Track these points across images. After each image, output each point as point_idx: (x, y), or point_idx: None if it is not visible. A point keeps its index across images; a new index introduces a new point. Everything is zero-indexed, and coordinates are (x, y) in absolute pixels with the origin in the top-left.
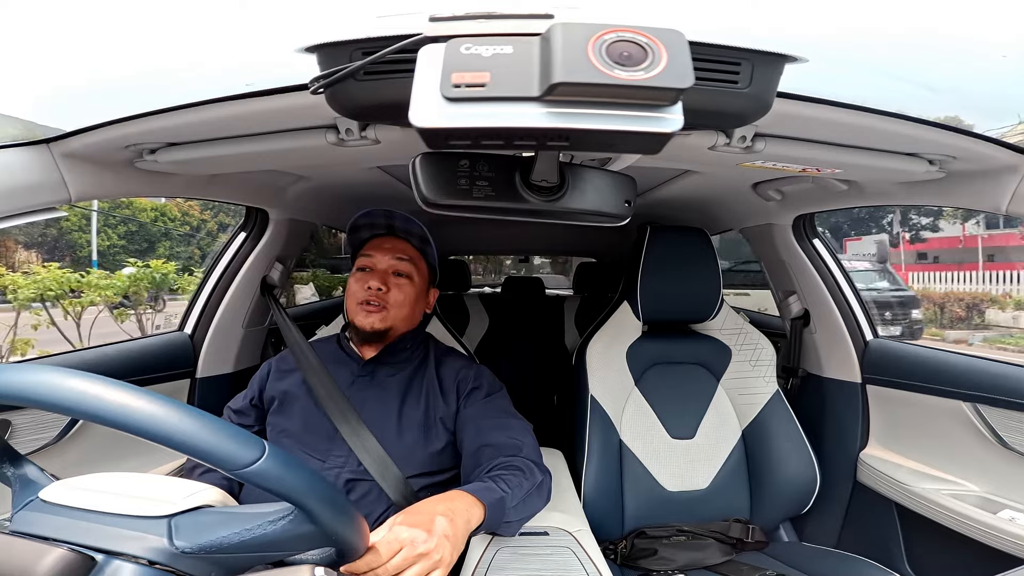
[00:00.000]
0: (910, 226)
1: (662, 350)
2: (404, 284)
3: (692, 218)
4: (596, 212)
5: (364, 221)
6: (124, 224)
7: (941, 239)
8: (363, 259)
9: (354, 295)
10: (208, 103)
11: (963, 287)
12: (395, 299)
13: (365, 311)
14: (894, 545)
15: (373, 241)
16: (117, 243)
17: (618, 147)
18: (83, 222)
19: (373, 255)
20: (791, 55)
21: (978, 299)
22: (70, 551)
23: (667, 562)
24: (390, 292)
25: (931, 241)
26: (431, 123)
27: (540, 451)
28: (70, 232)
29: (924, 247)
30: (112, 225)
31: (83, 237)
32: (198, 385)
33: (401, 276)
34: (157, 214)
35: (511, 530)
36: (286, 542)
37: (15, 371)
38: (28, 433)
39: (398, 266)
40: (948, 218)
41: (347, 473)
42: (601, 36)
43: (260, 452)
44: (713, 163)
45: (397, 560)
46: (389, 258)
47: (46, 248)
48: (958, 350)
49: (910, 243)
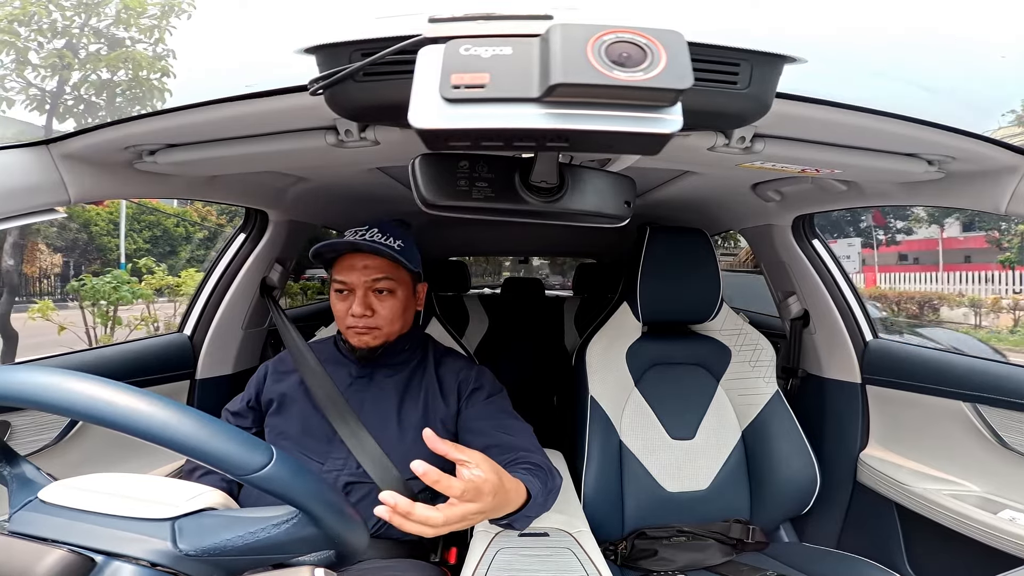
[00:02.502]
0: (887, 228)
1: (662, 351)
2: (387, 298)
3: (692, 219)
4: (596, 213)
5: (325, 248)
6: (149, 229)
7: (913, 241)
8: (337, 283)
9: (340, 317)
10: (207, 104)
11: (926, 287)
12: (383, 316)
13: (356, 333)
14: (894, 545)
15: (342, 260)
16: (143, 247)
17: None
18: (111, 227)
19: (347, 278)
20: (790, 56)
21: (929, 298)
22: (70, 552)
23: (667, 563)
24: (376, 313)
25: (905, 244)
26: (430, 124)
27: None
28: (101, 236)
29: (899, 249)
30: (138, 230)
31: (112, 241)
32: (198, 386)
33: (382, 292)
34: (178, 219)
35: (521, 524)
36: (289, 545)
37: (23, 373)
38: (28, 434)
39: (375, 284)
40: (914, 221)
41: (346, 475)
42: (600, 37)
43: (268, 458)
44: (712, 164)
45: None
46: (364, 277)
47: (78, 252)
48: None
49: (886, 245)
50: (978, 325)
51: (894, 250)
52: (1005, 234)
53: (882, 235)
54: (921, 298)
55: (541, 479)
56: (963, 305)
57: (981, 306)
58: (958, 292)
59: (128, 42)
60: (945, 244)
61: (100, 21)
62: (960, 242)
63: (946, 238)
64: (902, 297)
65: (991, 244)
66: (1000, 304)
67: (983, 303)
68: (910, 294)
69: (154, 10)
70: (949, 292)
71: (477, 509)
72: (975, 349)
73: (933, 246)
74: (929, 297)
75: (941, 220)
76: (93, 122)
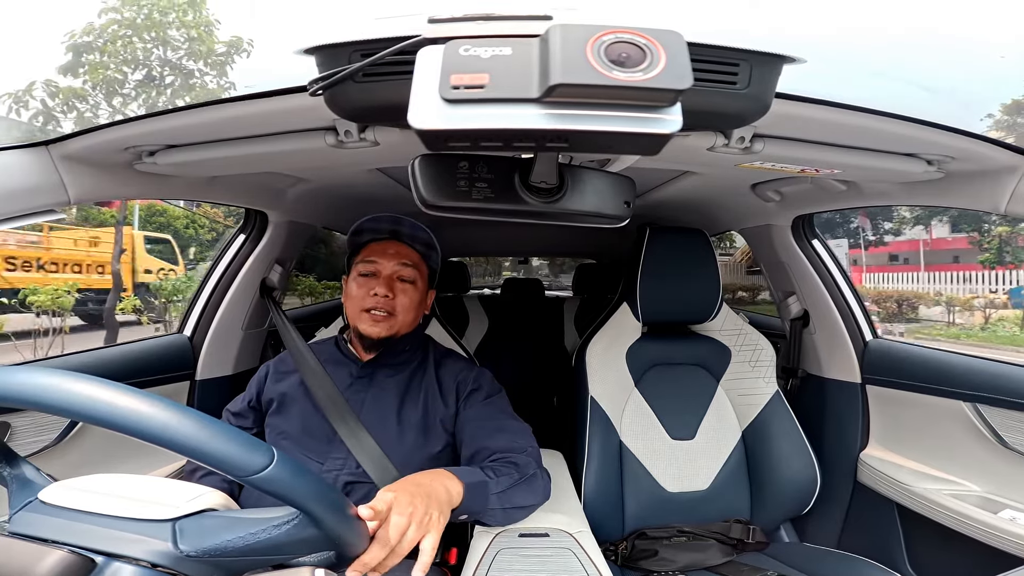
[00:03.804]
0: (875, 229)
1: (662, 351)
2: (409, 289)
3: (691, 219)
4: (595, 213)
5: (369, 225)
6: (161, 231)
7: (901, 242)
8: (366, 264)
9: (358, 301)
10: (207, 105)
11: (908, 287)
12: (402, 304)
13: (372, 319)
14: (895, 545)
15: (375, 245)
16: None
17: (617, 148)
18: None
19: (378, 260)
20: (789, 56)
21: (907, 297)
22: (70, 553)
23: (668, 563)
24: (396, 298)
25: (893, 244)
26: (430, 125)
27: (540, 452)
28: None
29: (887, 249)
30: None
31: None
32: (198, 387)
33: (406, 281)
34: (188, 221)
35: (498, 519)
36: (290, 546)
37: (23, 374)
38: (27, 435)
39: (402, 272)
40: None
41: (346, 475)
42: (600, 37)
43: (269, 459)
44: (712, 164)
45: (403, 547)
46: (394, 263)
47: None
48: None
49: (874, 246)
50: (951, 323)
51: (883, 251)
52: (985, 235)
53: (871, 235)
54: (899, 297)
55: (508, 473)
56: (940, 304)
57: (955, 304)
58: (936, 292)
59: (196, 74)
60: (934, 245)
61: (174, 53)
62: (948, 243)
63: (935, 239)
64: (881, 296)
65: (973, 245)
66: (971, 303)
67: (958, 302)
68: (888, 293)
69: (221, 48)
70: (925, 291)
71: (404, 516)
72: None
73: (916, 247)
74: (907, 296)
75: (926, 221)
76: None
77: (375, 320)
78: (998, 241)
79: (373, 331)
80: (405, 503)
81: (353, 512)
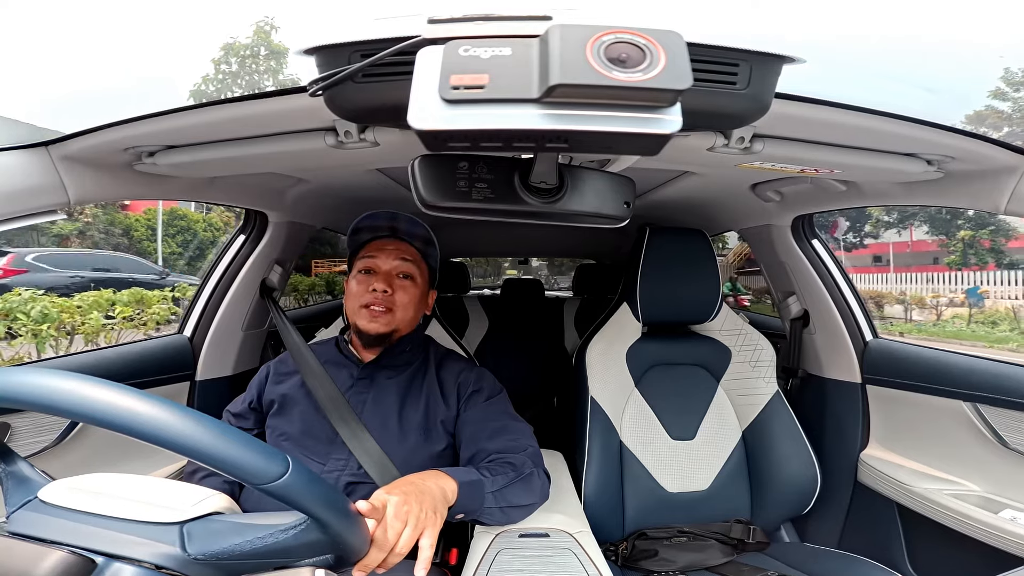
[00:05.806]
0: (856, 231)
1: (662, 351)
2: (408, 286)
3: (691, 219)
4: (595, 214)
5: (367, 223)
6: (181, 234)
7: (874, 245)
8: (365, 261)
9: (356, 297)
10: (206, 105)
11: (876, 287)
12: (400, 301)
13: (370, 315)
14: (895, 545)
15: (375, 243)
16: (176, 250)
17: (617, 149)
18: (149, 232)
19: (376, 256)
20: (789, 56)
21: (871, 295)
22: (70, 553)
23: (668, 563)
24: (395, 294)
25: (872, 247)
26: (430, 125)
27: (540, 453)
28: (141, 241)
29: (866, 252)
30: (171, 235)
31: (151, 246)
32: (197, 388)
33: (405, 278)
34: (205, 224)
35: (495, 518)
36: (296, 550)
37: (32, 376)
38: (27, 435)
39: (402, 267)
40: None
41: (347, 476)
42: (599, 38)
43: (285, 468)
44: (712, 164)
45: (401, 547)
46: (393, 260)
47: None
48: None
49: (858, 248)
50: (909, 319)
51: (863, 252)
52: (952, 239)
53: (852, 238)
54: (865, 295)
55: (503, 472)
56: (900, 302)
57: (914, 303)
58: (900, 291)
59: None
60: (914, 247)
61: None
62: (928, 245)
63: (915, 241)
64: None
65: (941, 248)
66: (925, 302)
67: (916, 300)
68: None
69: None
70: (889, 292)
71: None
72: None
73: (886, 249)
74: (872, 295)
75: (898, 225)
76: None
77: (373, 316)
78: (962, 244)
79: (371, 327)
80: (400, 504)
81: (353, 509)
